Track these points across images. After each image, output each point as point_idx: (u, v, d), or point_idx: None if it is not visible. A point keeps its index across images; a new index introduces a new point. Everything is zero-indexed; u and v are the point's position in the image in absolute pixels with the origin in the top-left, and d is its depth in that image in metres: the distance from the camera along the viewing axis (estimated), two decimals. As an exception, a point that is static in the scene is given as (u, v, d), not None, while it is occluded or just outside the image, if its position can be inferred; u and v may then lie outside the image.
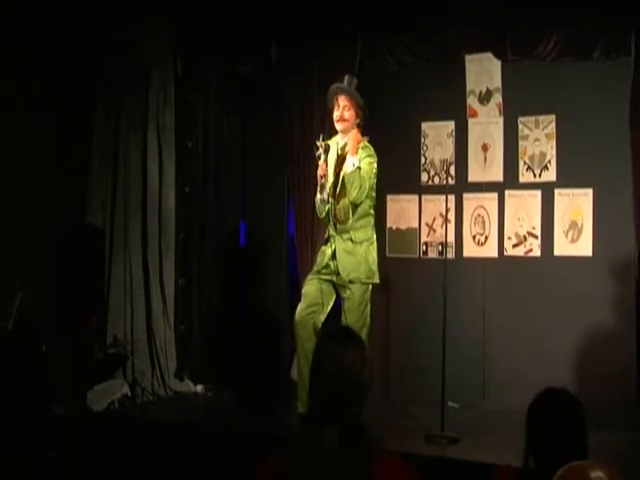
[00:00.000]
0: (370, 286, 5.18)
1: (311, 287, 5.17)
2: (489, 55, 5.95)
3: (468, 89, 6.14)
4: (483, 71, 6.06)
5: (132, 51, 6.55)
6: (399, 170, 6.39)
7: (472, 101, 6.15)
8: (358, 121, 5.19)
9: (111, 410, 5.96)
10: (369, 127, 6.44)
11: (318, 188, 5.13)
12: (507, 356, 5.92)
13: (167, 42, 6.62)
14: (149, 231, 6.64)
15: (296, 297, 6.70)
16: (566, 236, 5.85)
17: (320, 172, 5.05)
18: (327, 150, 5.06)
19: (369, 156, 5.10)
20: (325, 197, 5.10)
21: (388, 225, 6.47)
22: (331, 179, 5.14)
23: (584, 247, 5.78)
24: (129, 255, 6.64)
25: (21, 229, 5.97)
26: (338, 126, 5.18)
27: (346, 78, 5.23)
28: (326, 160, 5.05)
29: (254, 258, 6.99)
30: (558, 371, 5.50)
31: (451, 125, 6.26)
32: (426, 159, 6.36)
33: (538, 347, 5.80)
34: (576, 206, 5.81)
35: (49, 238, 6.22)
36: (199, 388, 6.55)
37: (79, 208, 6.62)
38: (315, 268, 5.27)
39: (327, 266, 5.16)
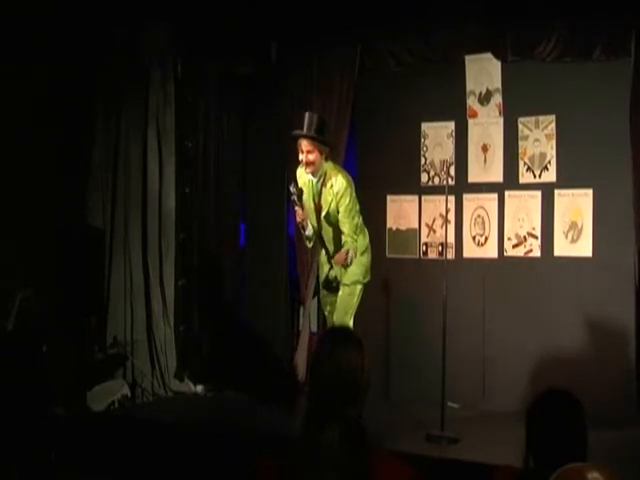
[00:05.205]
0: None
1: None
2: (489, 55, 5.96)
3: (468, 89, 6.14)
4: (483, 71, 6.06)
5: (132, 51, 6.55)
6: (399, 170, 6.40)
7: (472, 101, 6.15)
8: (325, 156, 5.16)
9: (111, 410, 5.96)
10: (369, 127, 6.50)
11: (300, 228, 5.27)
12: (507, 356, 5.92)
13: (167, 42, 6.62)
14: (149, 231, 6.64)
15: (296, 298, 6.74)
16: (566, 237, 5.84)
17: (298, 219, 5.17)
18: (301, 194, 5.13)
19: (345, 189, 5.11)
20: (309, 234, 5.28)
21: (388, 225, 6.48)
22: (314, 218, 5.23)
23: (584, 247, 5.78)
24: (129, 255, 6.64)
25: (21, 229, 5.96)
26: (306, 170, 5.19)
27: (306, 118, 5.13)
28: (302, 205, 5.11)
29: (254, 258, 7.00)
30: (558, 371, 5.49)
31: (451, 125, 6.26)
32: (426, 160, 6.36)
33: (538, 347, 5.80)
34: (576, 206, 5.81)
35: (49, 238, 6.22)
36: (199, 388, 6.55)
37: (79, 208, 6.62)
38: (321, 280, 5.48)
39: (327, 280, 5.39)
